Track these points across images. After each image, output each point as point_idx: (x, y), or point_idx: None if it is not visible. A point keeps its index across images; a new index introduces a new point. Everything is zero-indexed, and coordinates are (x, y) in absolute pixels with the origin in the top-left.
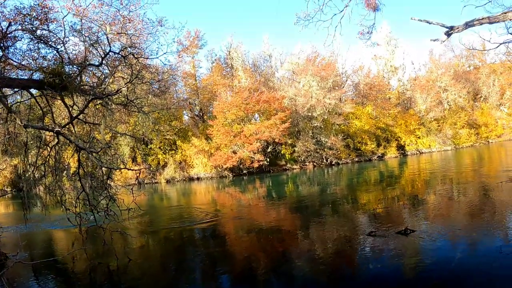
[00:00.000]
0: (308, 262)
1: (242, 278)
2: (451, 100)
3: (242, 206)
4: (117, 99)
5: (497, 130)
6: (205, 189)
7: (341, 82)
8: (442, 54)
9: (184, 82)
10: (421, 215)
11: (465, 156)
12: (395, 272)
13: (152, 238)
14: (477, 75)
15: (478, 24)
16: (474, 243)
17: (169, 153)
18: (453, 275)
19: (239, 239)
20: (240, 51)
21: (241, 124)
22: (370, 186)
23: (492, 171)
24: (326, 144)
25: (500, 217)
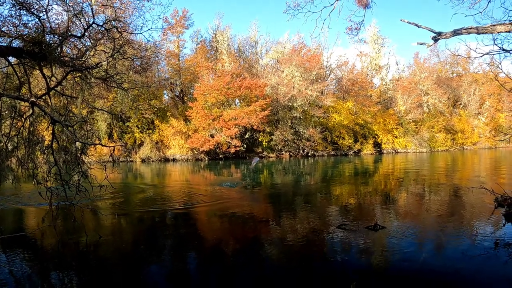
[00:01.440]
0: (277, 249)
1: (211, 261)
2: (431, 104)
3: (216, 190)
4: (97, 73)
5: (473, 138)
6: (180, 170)
7: (324, 75)
8: (427, 59)
9: (167, 62)
10: (392, 213)
11: (440, 159)
12: (362, 265)
13: (123, 218)
14: (459, 82)
15: (466, 33)
16: (441, 244)
17: (146, 132)
18: (418, 273)
19: (211, 223)
20: (227, 35)
21: (221, 108)
22: (345, 180)
23: (464, 176)
24: (304, 135)
25: (468, 221)
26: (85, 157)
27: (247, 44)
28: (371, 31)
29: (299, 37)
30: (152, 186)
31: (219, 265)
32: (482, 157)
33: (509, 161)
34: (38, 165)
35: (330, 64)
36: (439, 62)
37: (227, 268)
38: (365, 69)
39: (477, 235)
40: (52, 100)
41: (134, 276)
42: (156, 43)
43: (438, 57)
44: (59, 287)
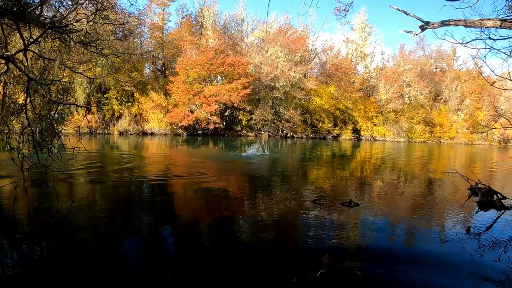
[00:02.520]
0: (252, 224)
1: (184, 233)
2: (412, 95)
3: (193, 166)
4: (76, 37)
5: (451, 132)
6: (158, 144)
7: (309, 58)
8: (412, 51)
9: (150, 34)
10: (367, 193)
11: (417, 149)
12: (335, 239)
13: (98, 186)
14: (442, 77)
15: (454, 24)
16: (414, 226)
17: (125, 105)
18: (390, 250)
19: (186, 197)
20: (213, 11)
21: (202, 84)
22: (322, 162)
23: (440, 166)
24: (284, 116)
25: (443, 206)
26: (61, 126)
27: (233, 22)
28: (360, 18)
29: (286, 18)
30: (129, 157)
31: (193, 237)
32: (458, 151)
33: (484, 157)
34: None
35: (316, 47)
36: (424, 55)
37: (201, 241)
38: (350, 55)
39: (450, 220)
40: (29, 62)
41: (107, 245)
42: (140, 14)
43: (423, 51)
44: (29, 255)
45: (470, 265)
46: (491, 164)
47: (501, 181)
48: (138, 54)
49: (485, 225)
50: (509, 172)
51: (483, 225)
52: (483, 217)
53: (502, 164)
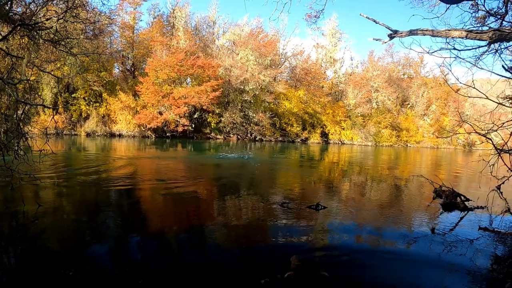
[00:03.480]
0: (221, 227)
1: (152, 237)
2: (380, 100)
3: (161, 169)
4: (46, 35)
5: (417, 137)
6: (126, 147)
7: (279, 62)
8: (381, 57)
9: (121, 33)
10: (335, 196)
11: (384, 153)
12: (302, 242)
13: (65, 189)
14: (409, 84)
15: (421, 34)
16: (381, 227)
17: (93, 105)
18: (356, 252)
19: (154, 201)
20: (185, 12)
21: (172, 86)
22: (290, 165)
23: (406, 169)
24: (253, 119)
25: (408, 208)
26: (27, 127)
27: (205, 23)
28: (331, 24)
29: (258, 22)
30: (96, 160)
31: (161, 240)
32: (423, 155)
33: (449, 160)
34: None
35: (286, 52)
36: (392, 62)
37: (170, 244)
38: (320, 60)
39: (416, 221)
40: None
41: (74, 250)
42: (111, 13)
43: (392, 58)
44: None
45: (436, 263)
46: (455, 167)
47: (464, 184)
48: (107, 53)
49: (449, 225)
50: (473, 175)
51: (447, 225)
52: (447, 218)
53: (466, 167)
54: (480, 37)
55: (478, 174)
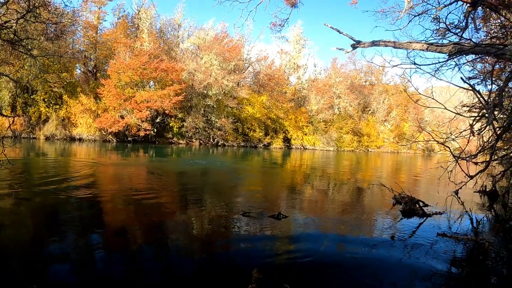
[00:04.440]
0: (182, 238)
1: (113, 249)
2: (342, 106)
3: (122, 175)
4: (4, 35)
5: (378, 142)
6: (87, 151)
7: (243, 67)
8: (344, 65)
9: (84, 33)
10: (296, 204)
11: (345, 158)
12: (264, 252)
13: (24, 200)
14: (370, 90)
15: (384, 45)
16: (342, 235)
17: (52, 108)
18: (318, 260)
19: (116, 210)
20: (151, 13)
21: (134, 89)
22: (253, 171)
23: (367, 175)
24: (216, 124)
25: (369, 215)
26: None
27: (170, 26)
28: (295, 31)
29: (223, 26)
30: (56, 166)
31: (122, 252)
32: (384, 160)
33: (408, 165)
34: None
35: (250, 57)
36: (355, 69)
37: (131, 256)
38: (284, 66)
39: (377, 228)
40: None
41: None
42: (75, 11)
43: (354, 65)
44: None
45: (397, 268)
46: (415, 172)
47: (424, 189)
48: (69, 53)
49: (409, 232)
50: (432, 180)
51: (407, 232)
52: (407, 224)
53: (425, 173)
54: (441, 50)
55: (437, 180)
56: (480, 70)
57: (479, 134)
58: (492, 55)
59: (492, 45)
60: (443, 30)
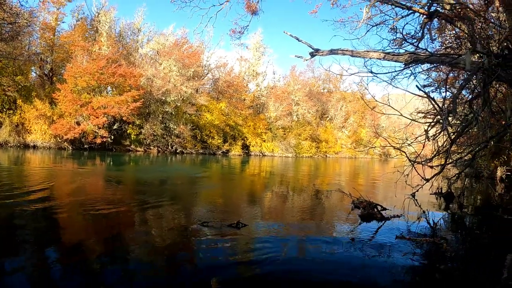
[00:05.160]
0: (143, 248)
1: (72, 264)
2: (300, 113)
3: (79, 185)
4: None
5: (336, 148)
6: (41, 159)
7: (202, 74)
8: (302, 72)
9: (41, 35)
10: (256, 211)
11: (304, 164)
12: (223, 261)
13: None
14: (328, 98)
15: (341, 53)
16: (302, 241)
17: (6, 113)
18: (280, 268)
19: (73, 221)
20: (110, 16)
21: (91, 94)
22: (212, 179)
23: (326, 181)
24: (174, 131)
25: (328, 221)
26: None
27: (130, 30)
28: (255, 38)
29: (183, 32)
30: (8, 175)
31: (81, 266)
32: (342, 165)
33: (366, 170)
34: None
35: (210, 63)
36: (313, 77)
37: (90, 270)
38: (243, 73)
39: (336, 233)
40: None
41: None
42: (32, 11)
43: (313, 73)
44: None
45: (357, 273)
46: (372, 177)
47: (381, 193)
48: (25, 55)
49: (368, 235)
50: (389, 184)
51: (366, 236)
52: (366, 228)
53: (383, 177)
54: (397, 59)
55: (394, 184)
56: (434, 78)
57: (434, 139)
58: (446, 64)
59: (447, 54)
60: (400, 40)
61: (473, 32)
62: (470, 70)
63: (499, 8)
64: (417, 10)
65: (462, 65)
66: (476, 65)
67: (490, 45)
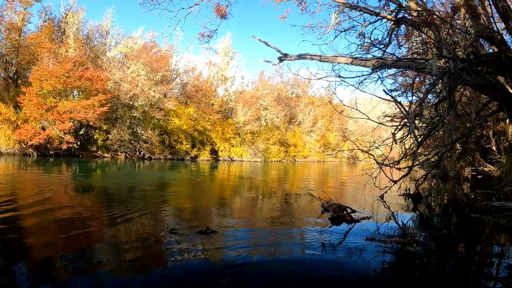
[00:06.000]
0: (112, 258)
1: (41, 273)
2: (269, 118)
3: (45, 192)
4: None
5: (304, 152)
6: (5, 167)
7: (170, 78)
8: (271, 77)
9: (6, 35)
10: (225, 217)
11: (273, 169)
12: (193, 269)
13: None
14: (297, 102)
15: (310, 58)
16: (273, 246)
17: None
18: (250, 274)
19: (40, 229)
20: (78, 18)
21: (57, 98)
22: (180, 185)
23: (295, 185)
24: (142, 136)
25: (298, 225)
26: None
27: (98, 33)
28: (224, 43)
29: (152, 35)
30: None
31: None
32: (311, 169)
33: (335, 173)
34: None
35: (178, 68)
36: (281, 82)
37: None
38: (211, 78)
39: (306, 236)
40: None
41: None
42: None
43: (281, 78)
44: None
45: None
46: (341, 179)
47: (350, 196)
48: None
49: (339, 238)
50: (357, 187)
51: (336, 238)
52: (336, 231)
53: (351, 180)
54: (364, 64)
55: (362, 186)
56: (401, 83)
57: (401, 142)
58: (413, 69)
59: (413, 59)
60: (368, 45)
61: (440, 38)
62: (437, 74)
63: (465, 15)
64: (384, 16)
65: (428, 70)
66: (442, 70)
67: (456, 50)
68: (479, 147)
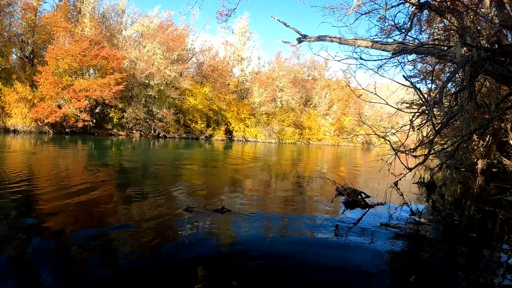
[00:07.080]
0: (126, 235)
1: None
2: (284, 100)
3: (60, 170)
4: None
5: (319, 135)
6: (22, 144)
7: (186, 58)
8: (288, 59)
9: (22, 15)
10: (240, 197)
11: (287, 150)
12: (209, 247)
13: None
14: (313, 85)
15: (329, 40)
16: (286, 226)
17: None
18: (264, 253)
19: (56, 208)
20: None
21: (73, 77)
22: (194, 164)
23: (309, 167)
24: (157, 115)
25: (312, 207)
26: None
27: (114, 11)
28: (242, 23)
29: (168, 14)
30: None
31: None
32: (325, 152)
33: (349, 157)
34: None
35: (194, 47)
36: (298, 64)
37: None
38: (228, 58)
39: (320, 219)
40: None
41: None
42: None
43: (298, 60)
44: None
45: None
46: (355, 164)
47: (364, 181)
48: (5, 36)
49: (352, 222)
50: (372, 172)
51: (350, 222)
52: (350, 215)
53: (366, 165)
54: (385, 48)
55: (377, 172)
56: (420, 69)
57: (418, 129)
58: (434, 56)
59: (435, 46)
60: (388, 29)
61: (463, 25)
62: (459, 62)
63: (490, 3)
64: (407, 1)
65: (450, 57)
66: (464, 58)
67: (479, 39)
68: (496, 139)
